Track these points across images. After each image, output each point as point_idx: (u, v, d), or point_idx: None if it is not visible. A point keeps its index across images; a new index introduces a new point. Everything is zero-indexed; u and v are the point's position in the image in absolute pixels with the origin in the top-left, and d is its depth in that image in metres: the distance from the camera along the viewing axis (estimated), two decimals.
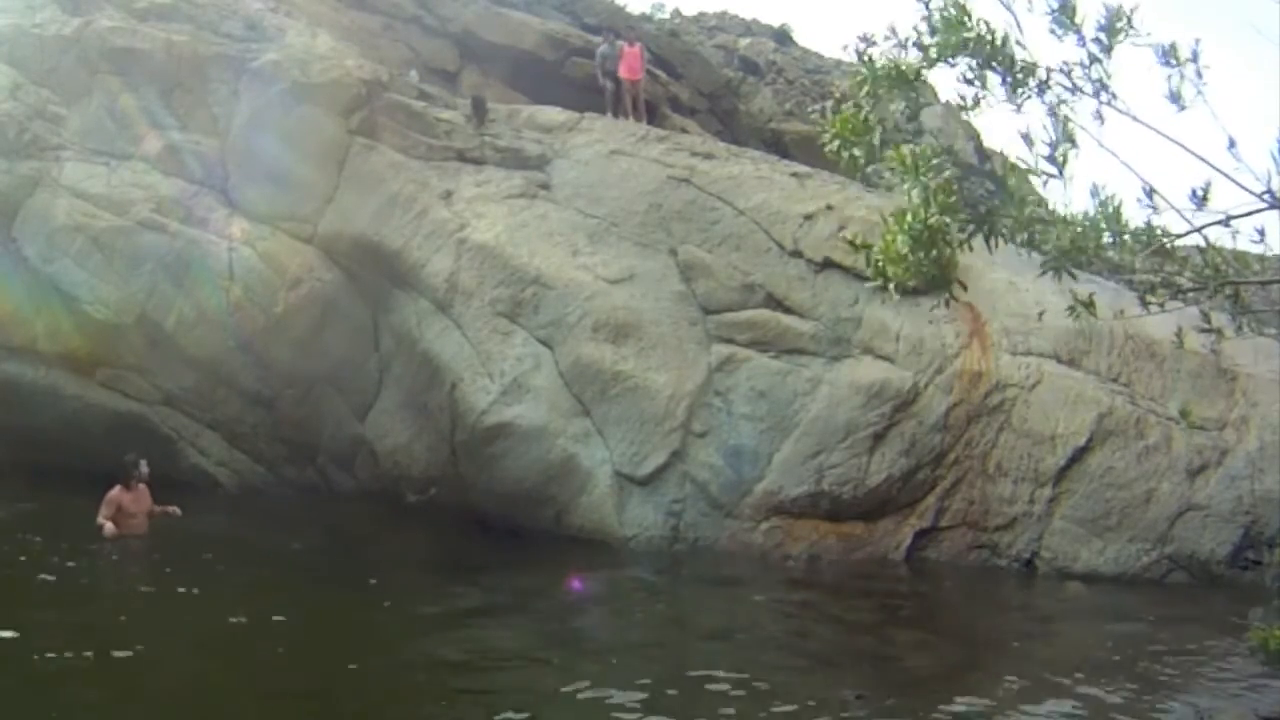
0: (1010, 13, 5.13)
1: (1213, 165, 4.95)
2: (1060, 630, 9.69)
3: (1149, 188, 5.05)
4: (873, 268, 5.50)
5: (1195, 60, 5.03)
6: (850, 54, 5.68)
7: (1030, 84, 5.15)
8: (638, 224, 13.59)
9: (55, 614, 8.48)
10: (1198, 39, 5.06)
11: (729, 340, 12.63)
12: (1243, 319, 5.60)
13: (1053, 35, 5.17)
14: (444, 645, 8.26)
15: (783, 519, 11.82)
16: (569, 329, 12.47)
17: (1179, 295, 5.40)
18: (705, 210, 13.57)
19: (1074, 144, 4.99)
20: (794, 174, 14.34)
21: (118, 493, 10.98)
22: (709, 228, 13.44)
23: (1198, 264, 5.23)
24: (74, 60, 14.38)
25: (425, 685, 7.31)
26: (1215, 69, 5.08)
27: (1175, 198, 5.02)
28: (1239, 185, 4.89)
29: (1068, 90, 5.09)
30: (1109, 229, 5.00)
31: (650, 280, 13.04)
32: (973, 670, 8.40)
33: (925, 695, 7.41)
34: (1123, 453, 11.41)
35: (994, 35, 5.18)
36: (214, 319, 13.42)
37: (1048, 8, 5.10)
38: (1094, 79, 5.10)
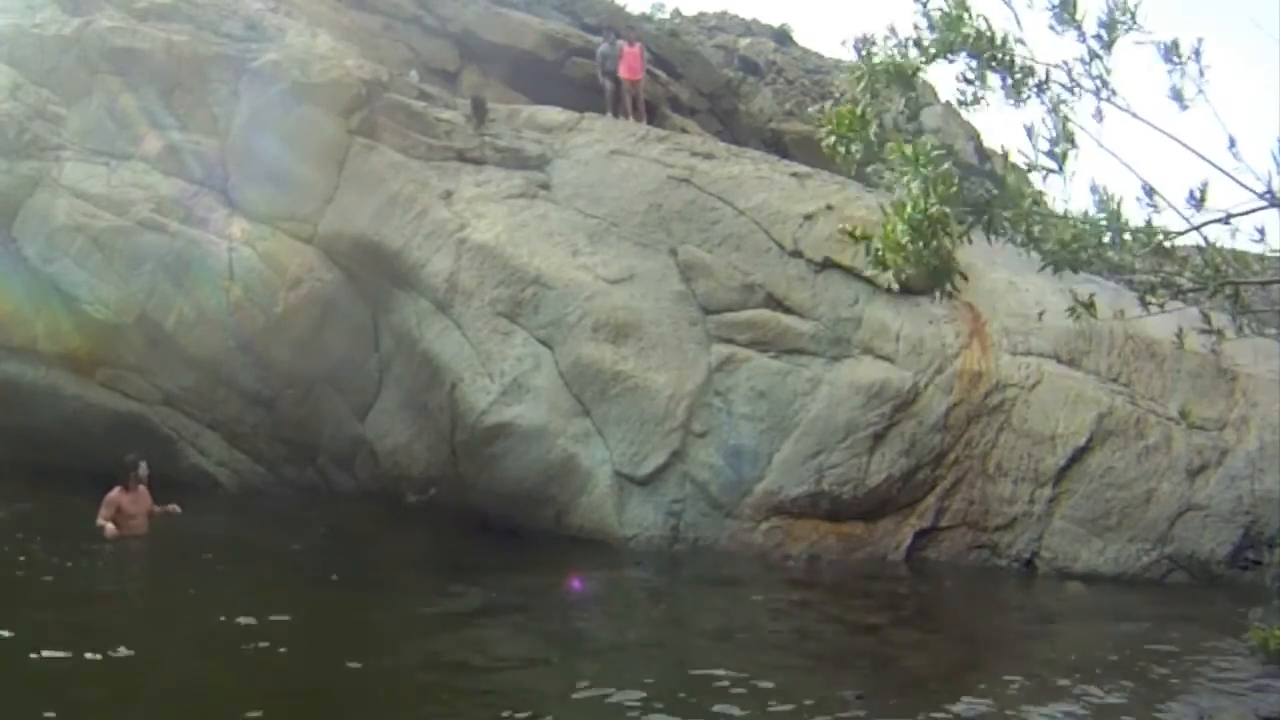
0: (1010, 9, 5.13)
1: (1213, 163, 4.95)
2: (1060, 630, 9.68)
3: (1148, 187, 5.04)
4: (872, 257, 5.50)
5: (1197, 58, 5.02)
6: (849, 49, 5.68)
7: (1030, 84, 5.15)
8: (638, 224, 13.59)
9: (55, 614, 8.48)
10: (1200, 38, 5.05)
11: (729, 340, 12.63)
12: (1243, 319, 5.59)
13: (1052, 31, 5.17)
14: (444, 645, 8.26)
15: (783, 519, 11.82)
16: (569, 329, 12.47)
17: (1179, 295, 5.40)
18: (705, 210, 13.57)
19: (1073, 144, 4.99)
20: (794, 174, 14.34)
21: (117, 494, 10.97)
22: (709, 228, 13.44)
23: (1198, 264, 5.23)
24: (74, 60, 14.39)
25: (425, 685, 7.31)
26: (1215, 67, 5.07)
27: (1177, 197, 5.02)
28: (1239, 184, 4.89)
29: (1067, 90, 5.09)
30: (1108, 227, 5.00)
31: (650, 280, 13.04)
32: (973, 670, 8.40)
33: (925, 695, 7.41)
34: (1123, 453, 11.41)
35: (993, 34, 5.17)
36: (214, 319, 13.42)
37: (1048, 4, 5.10)
38: (1094, 75, 5.10)
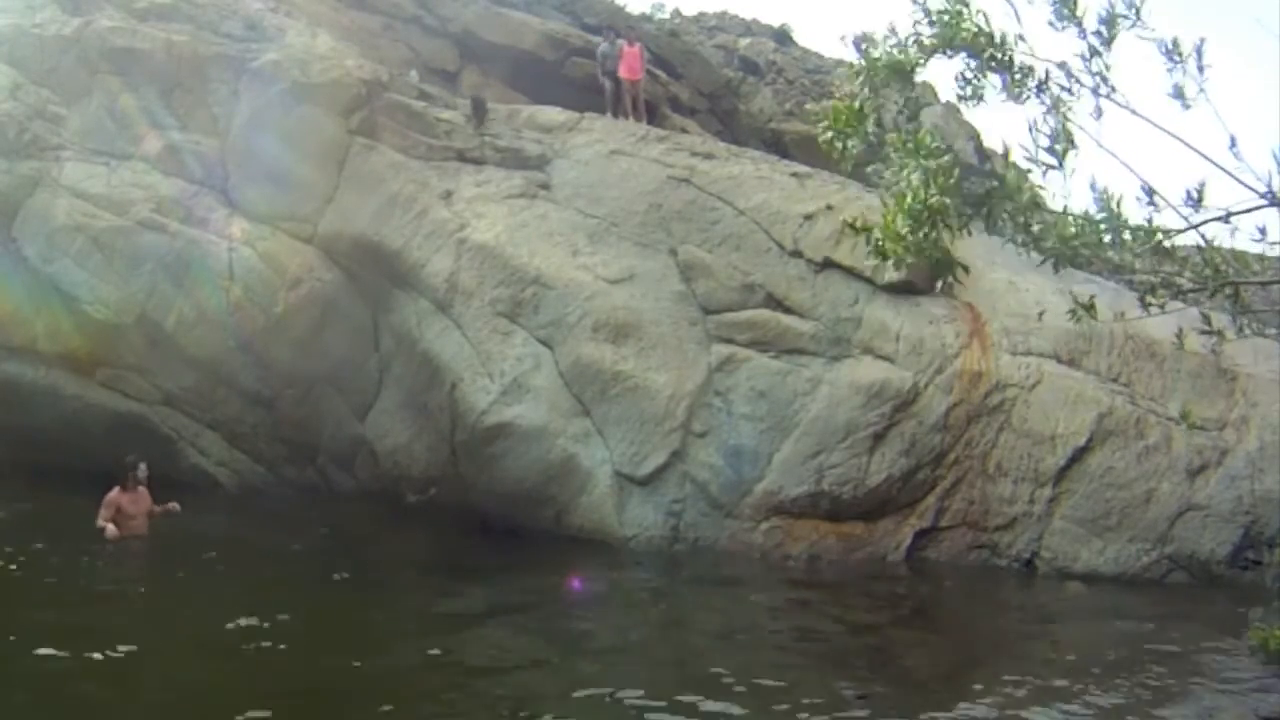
0: (1010, 4, 5.13)
1: (1213, 162, 4.95)
2: (1060, 630, 9.68)
3: (1148, 187, 5.05)
4: (872, 247, 5.51)
5: (1198, 57, 5.02)
6: (849, 45, 5.70)
7: (1030, 84, 5.16)
8: (638, 224, 13.59)
9: (55, 614, 8.48)
10: (1202, 38, 5.05)
11: (729, 340, 12.63)
12: (1243, 319, 5.59)
13: (1052, 28, 5.17)
14: (444, 645, 8.25)
15: (783, 519, 11.81)
16: (569, 329, 12.47)
17: (1179, 296, 5.40)
18: (705, 210, 13.56)
19: (1073, 144, 4.99)
20: (794, 174, 14.33)
21: (116, 494, 10.98)
22: (709, 228, 13.43)
23: (1198, 264, 5.23)
24: (74, 60, 14.39)
25: (425, 685, 7.30)
26: (1216, 66, 5.08)
27: (1179, 197, 5.02)
28: (1240, 183, 4.90)
29: (1066, 91, 5.09)
30: (1108, 224, 5.01)
31: (650, 280, 13.04)
32: (973, 670, 8.39)
33: (925, 695, 7.42)
34: (1123, 453, 11.41)
35: (991, 33, 5.18)
36: (214, 319, 13.42)
37: (1049, 0, 5.11)
38: (1094, 72, 5.11)
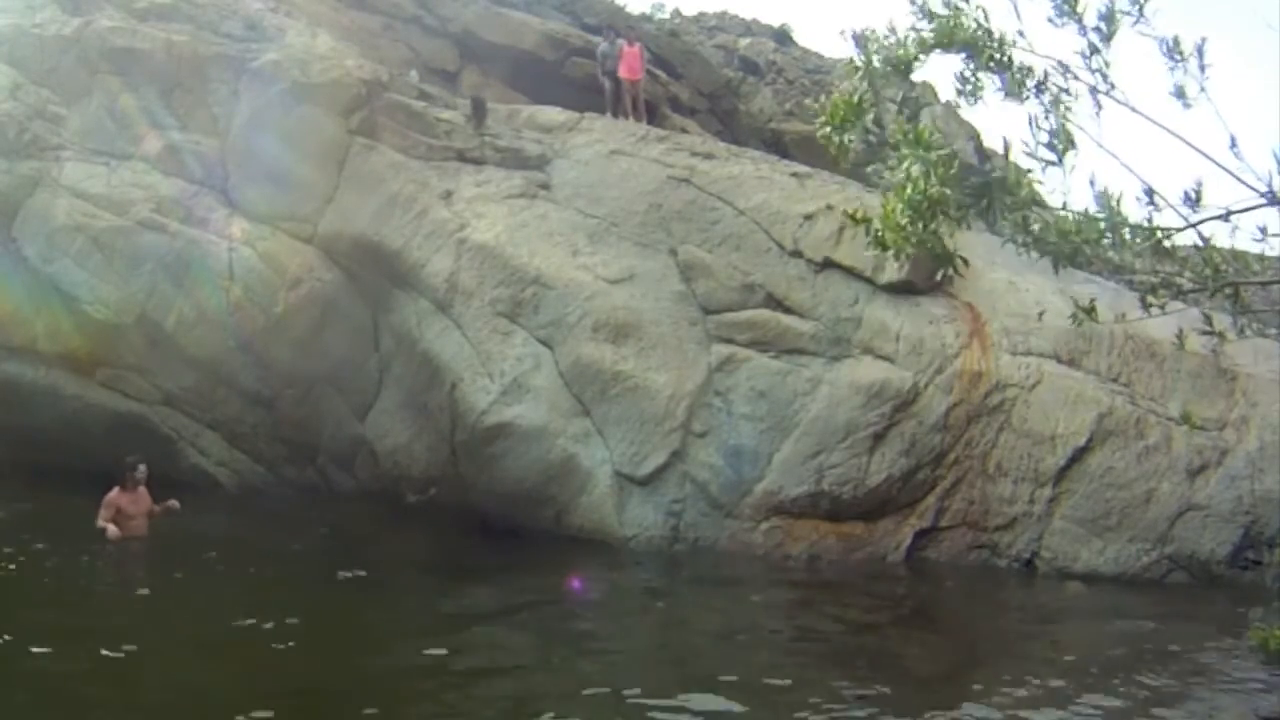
0: (1011, 1, 5.13)
1: (1214, 161, 4.95)
2: (1060, 630, 9.68)
3: (1149, 187, 5.05)
4: (872, 237, 5.51)
5: (1200, 56, 5.01)
6: (848, 38, 5.70)
7: (1029, 84, 5.16)
8: (638, 224, 13.59)
9: (55, 614, 8.49)
10: (1203, 37, 5.05)
11: (729, 340, 12.62)
12: (1243, 319, 5.59)
13: (1052, 24, 5.17)
14: (444, 645, 8.25)
15: (783, 519, 11.81)
16: (569, 329, 12.46)
17: (1180, 296, 5.40)
18: (705, 210, 13.56)
19: (1073, 144, 4.99)
20: (794, 174, 14.33)
21: (116, 495, 10.97)
22: (709, 228, 13.43)
23: (1197, 264, 5.23)
24: (74, 60, 14.38)
25: (425, 685, 7.30)
26: (1216, 65, 5.07)
27: (1178, 196, 5.03)
28: (1241, 182, 4.89)
29: (1064, 92, 5.09)
30: (1107, 224, 5.01)
31: (650, 280, 13.03)
32: (973, 670, 8.39)
33: (926, 695, 7.42)
34: (1123, 453, 11.40)
35: (990, 30, 5.18)
36: (214, 319, 13.42)
37: None
38: (1094, 69, 5.10)
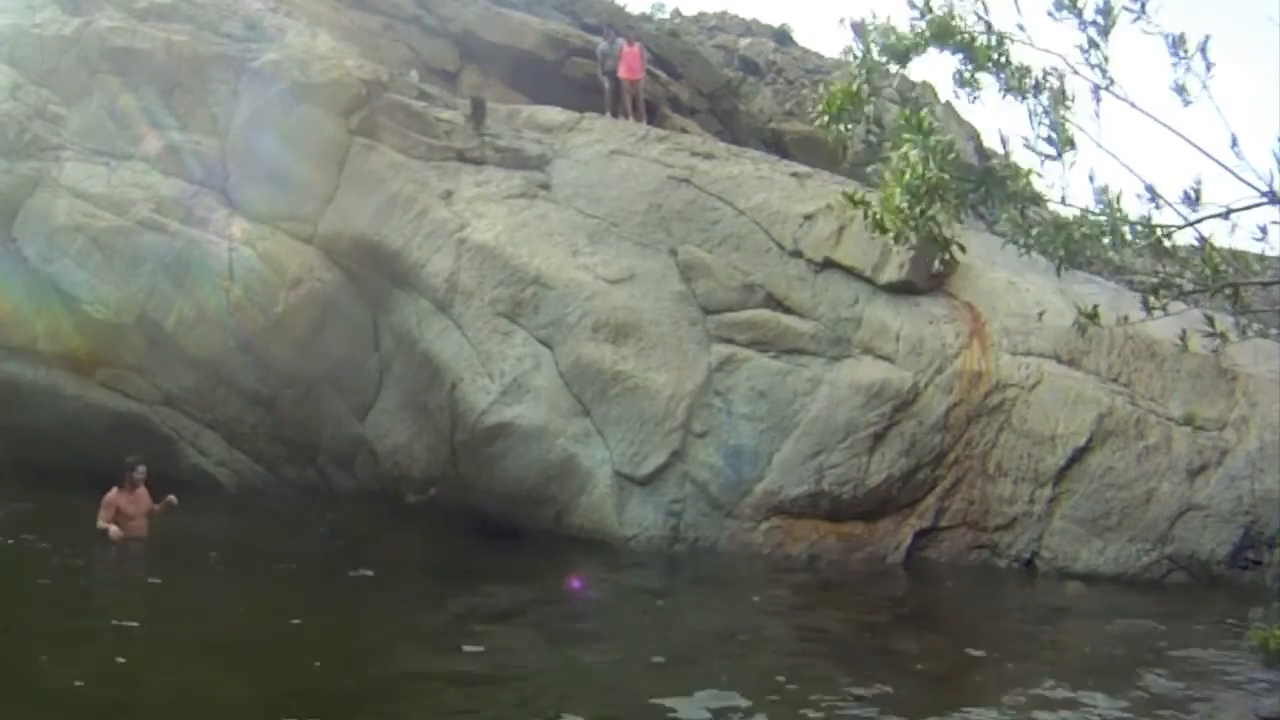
0: None
1: (1214, 159, 4.94)
2: (1060, 630, 9.68)
3: (1149, 187, 5.05)
4: (870, 220, 5.52)
5: (1203, 53, 5.00)
6: (846, 28, 5.71)
7: (1027, 83, 5.15)
8: (638, 224, 13.59)
9: (55, 615, 8.47)
10: (1207, 35, 5.04)
11: (729, 340, 12.62)
12: (1243, 320, 5.59)
13: (1051, 18, 5.17)
14: (444, 645, 8.26)
15: (783, 519, 11.81)
16: (569, 329, 12.46)
17: (1180, 296, 5.39)
18: (705, 210, 13.56)
19: (1072, 145, 4.99)
20: (794, 174, 14.33)
21: (115, 495, 10.94)
22: (709, 228, 13.43)
23: (1197, 264, 5.23)
24: (74, 60, 14.38)
25: (425, 685, 7.31)
26: (1217, 63, 5.06)
27: (1177, 194, 5.02)
28: (1241, 180, 4.89)
29: (1062, 93, 5.09)
30: (1106, 218, 5.01)
31: (650, 280, 13.03)
32: (973, 670, 8.39)
33: (926, 695, 7.42)
34: (1123, 453, 11.40)
35: (990, 27, 5.17)
36: (214, 319, 13.41)
37: None
38: (1093, 64, 5.10)
